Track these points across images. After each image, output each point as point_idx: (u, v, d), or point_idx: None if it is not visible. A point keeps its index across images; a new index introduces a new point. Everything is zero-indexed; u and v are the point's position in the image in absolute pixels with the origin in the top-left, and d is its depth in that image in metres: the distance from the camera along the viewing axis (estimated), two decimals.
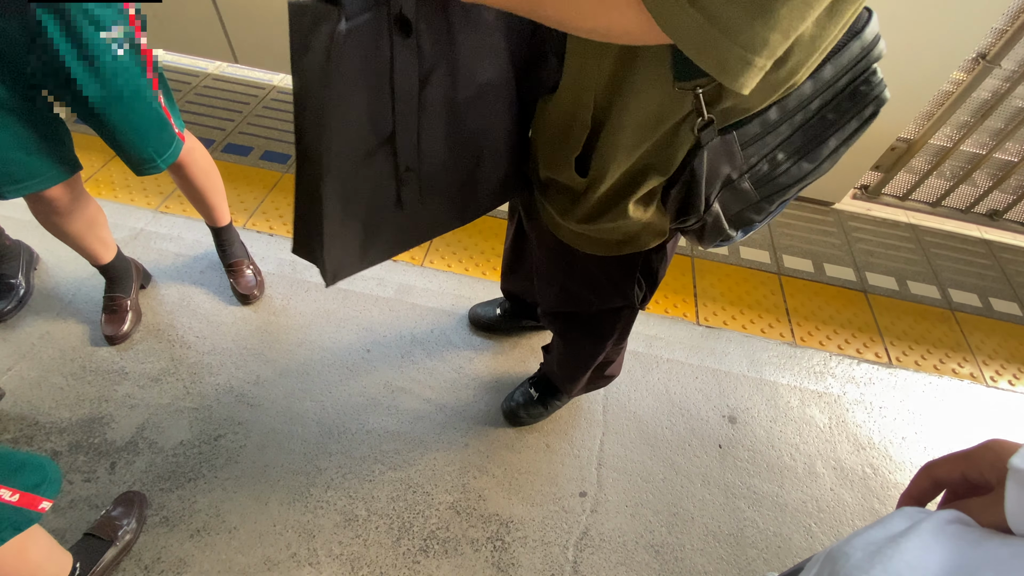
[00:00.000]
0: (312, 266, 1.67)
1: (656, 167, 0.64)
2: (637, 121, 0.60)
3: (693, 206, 0.66)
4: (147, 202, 1.78)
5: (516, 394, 1.40)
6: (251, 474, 1.25)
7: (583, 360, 1.14)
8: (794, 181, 0.68)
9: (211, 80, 2.30)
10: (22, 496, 0.77)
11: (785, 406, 1.53)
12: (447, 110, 0.62)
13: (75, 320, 1.46)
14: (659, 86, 0.56)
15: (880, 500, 1.37)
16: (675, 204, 0.69)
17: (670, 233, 0.79)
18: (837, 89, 0.61)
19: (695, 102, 0.56)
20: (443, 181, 0.69)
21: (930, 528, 0.32)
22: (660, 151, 0.63)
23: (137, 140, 1.09)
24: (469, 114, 0.64)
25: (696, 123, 0.58)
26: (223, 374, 1.41)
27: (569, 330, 1.08)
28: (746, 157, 0.64)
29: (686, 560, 1.23)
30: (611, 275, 0.86)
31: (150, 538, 1.14)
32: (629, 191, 0.67)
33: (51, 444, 1.25)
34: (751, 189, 0.68)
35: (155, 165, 1.14)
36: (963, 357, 1.72)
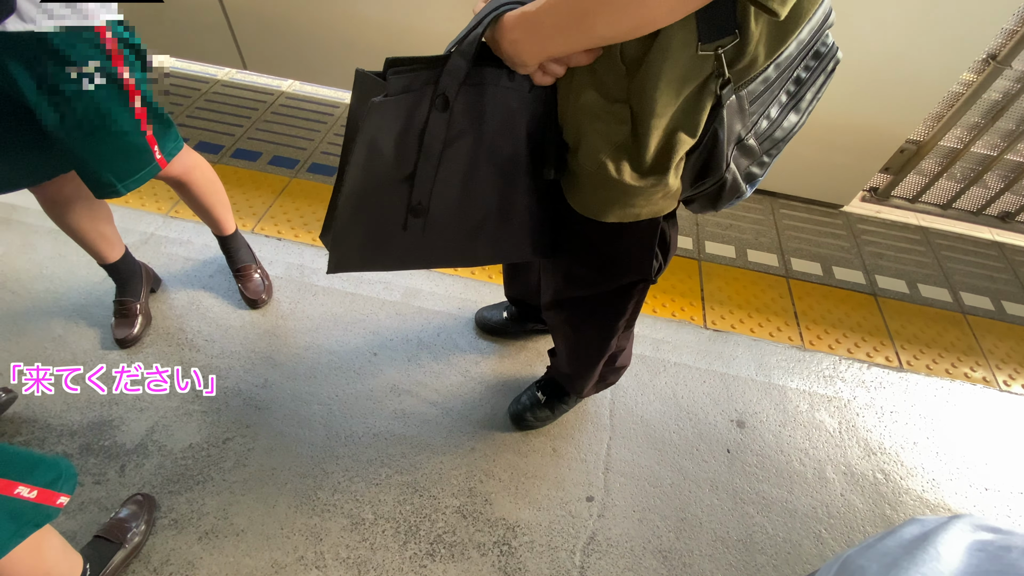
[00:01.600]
0: (319, 271, 1.69)
1: (685, 128, 0.66)
2: (664, 84, 0.62)
3: (715, 167, 0.69)
4: (157, 207, 1.80)
5: (523, 397, 1.40)
6: (259, 477, 1.25)
7: (594, 351, 1.13)
8: (786, 134, 0.74)
9: (220, 86, 2.33)
10: (40, 492, 0.78)
11: (794, 410, 1.51)
12: (463, 170, 0.75)
13: (87, 324, 1.48)
14: (681, 51, 0.59)
15: (891, 506, 1.35)
16: (695, 168, 0.71)
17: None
18: (807, 49, 0.67)
19: (716, 63, 0.59)
20: (448, 224, 0.80)
21: (947, 539, 0.32)
22: (687, 114, 0.65)
23: (95, 166, 1.07)
24: (483, 177, 0.77)
25: (716, 85, 0.61)
26: (231, 377, 1.42)
27: (577, 319, 1.07)
28: (750, 114, 0.68)
29: (694, 566, 1.22)
30: (629, 247, 0.86)
31: (159, 540, 1.15)
32: (666, 158, 0.69)
33: (62, 447, 1.26)
34: (756, 145, 0.73)
35: (114, 190, 1.11)
36: (975, 361, 1.70)
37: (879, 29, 1.59)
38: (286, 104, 2.28)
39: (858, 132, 1.85)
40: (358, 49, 2.07)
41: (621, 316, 1.02)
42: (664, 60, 0.60)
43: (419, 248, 0.82)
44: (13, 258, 1.61)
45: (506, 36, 0.63)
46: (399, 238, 0.79)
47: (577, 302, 1.02)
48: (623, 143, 0.68)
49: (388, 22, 1.97)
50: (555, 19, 0.58)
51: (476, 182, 0.77)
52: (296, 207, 1.87)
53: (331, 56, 2.13)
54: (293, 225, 1.81)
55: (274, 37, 2.12)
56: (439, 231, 0.80)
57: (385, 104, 0.66)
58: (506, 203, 0.81)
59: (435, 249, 0.83)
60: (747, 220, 2.07)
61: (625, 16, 0.53)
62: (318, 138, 2.14)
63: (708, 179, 0.71)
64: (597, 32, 0.57)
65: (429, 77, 0.66)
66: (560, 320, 1.11)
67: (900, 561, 0.31)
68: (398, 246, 0.80)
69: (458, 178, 0.75)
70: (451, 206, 0.78)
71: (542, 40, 0.60)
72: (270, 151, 2.06)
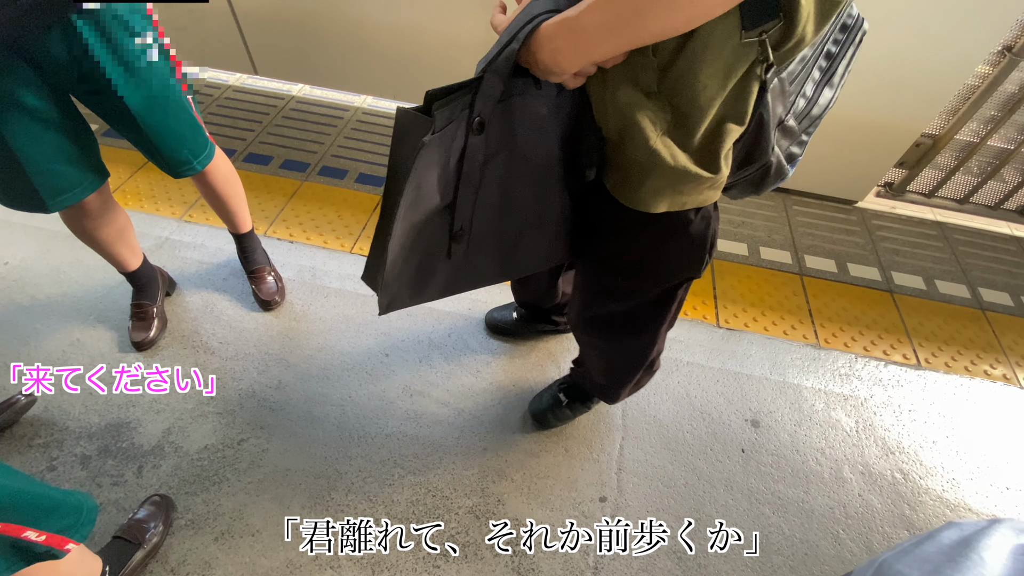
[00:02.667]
0: (331, 273, 1.70)
1: (733, 117, 0.65)
2: (707, 78, 0.61)
3: (761, 152, 0.69)
4: (172, 212, 1.83)
5: (544, 396, 1.39)
6: (273, 478, 1.26)
7: (634, 362, 1.09)
8: (822, 111, 0.73)
9: (232, 92, 2.35)
10: (49, 537, 0.78)
11: (810, 409, 1.50)
12: (500, 186, 0.74)
13: (104, 327, 1.50)
14: (724, 41, 0.58)
15: (911, 506, 1.33)
16: (740, 154, 0.70)
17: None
18: (835, 23, 0.67)
19: (760, 49, 0.58)
20: (488, 243, 0.80)
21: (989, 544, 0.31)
22: (734, 103, 0.64)
23: (174, 143, 1.12)
24: (519, 189, 0.76)
25: (760, 69, 0.61)
26: (246, 379, 1.43)
27: (615, 334, 1.03)
28: (788, 95, 0.68)
29: (709, 567, 1.21)
30: (679, 242, 0.82)
31: (176, 541, 1.16)
32: (716, 147, 0.67)
33: (81, 449, 1.28)
34: (795, 125, 0.72)
35: (192, 166, 1.17)
36: (995, 358, 1.67)
37: (893, 22, 1.57)
38: (296, 108, 2.30)
39: (872, 127, 1.83)
40: (367, 53, 2.09)
41: (664, 321, 0.98)
42: (705, 52, 0.58)
43: (463, 272, 0.82)
44: (32, 263, 1.64)
45: (545, 46, 0.60)
46: (443, 266, 0.79)
47: (613, 317, 0.98)
48: (669, 129, 0.67)
49: (397, 25, 1.98)
50: (602, 20, 0.55)
51: (513, 196, 0.76)
52: (308, 210, 1.88)
53: (341, 60, 2.14)
54: (305, 228, 1.82)
55: (284, 42, 2.14)
56: (481, 252, 0.80)
57: (433, 141, 0.64)
58: (542, 210, 0.81)
59: (477, 269, 0.83)
60: (760, 217, 2.05)
61: (679, 11, 0.51)
62: (328, 141, 2.15)
63: (754, 164, 0.71)
64: (648, 30, 0.54)
65: (466, 102, 0.64)
66: (595, 338, 1.08)
67: (943, 568, 0.31)
68: (443, 274, 0.80)
69: (495, 196, 0.74)
70: (491, 224, 0.77)
71: (586, 45, 0.58)
72: (281, 155, 2.08)
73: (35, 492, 0.78)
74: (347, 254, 1.75)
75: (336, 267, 1.71)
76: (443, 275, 0.80)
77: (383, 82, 2.20)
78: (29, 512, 0.76)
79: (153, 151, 1.11)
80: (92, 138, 1.11)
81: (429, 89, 0.62)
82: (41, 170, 1.02)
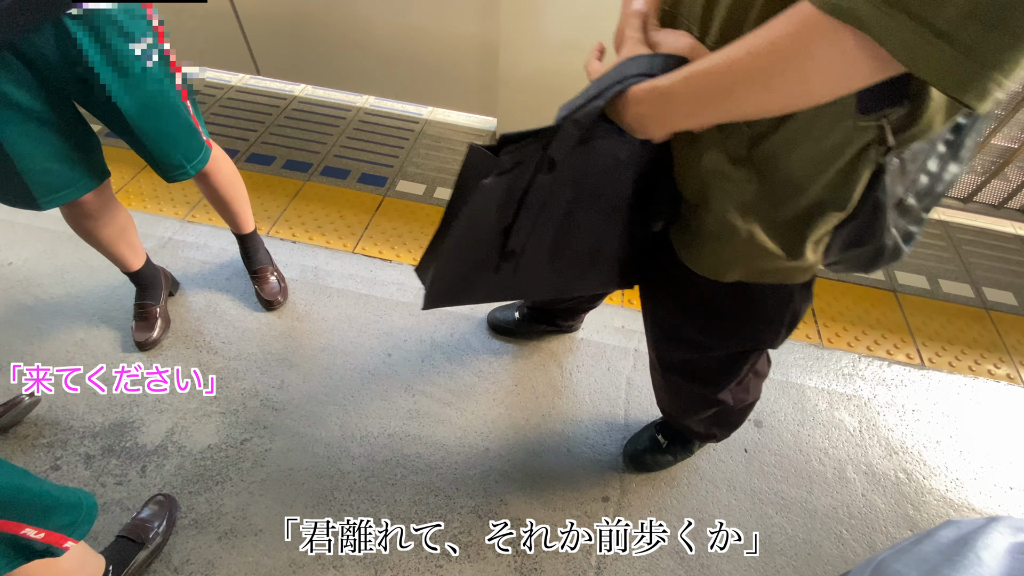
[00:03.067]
0: (333, 273, 1.70)
1: (833, 203, 0.60)
2: (807, 157, 0.56)
3: (874, 236, 0.63)
4: (175, 212, 1.83)
5: (643, 436, 1.33)
6: (276, 477, 1.27)
7: (701, 403, 1.05)
8: (946, 187, 0.66)
9: (235, 92, 2.36)
10: (48, 535, 0.78)
11: (813, 409, 1.49)
12: (560, 217, 0.73)
13: (108, 327, 1.51)
14: (834, 122, 0.52)
15: (915, 506, 1.33)
16: (848, 236, 0.64)
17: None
18: None
19: (877, 132, 0.52)
20: (538, 265, 0.80)
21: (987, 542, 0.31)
22: (836, 188, 0.59)
23: (168, 147, 1.11)
24: (580, 222, 0.75)
25: (877, 152, 0.55)
26: (248, 379, 1.43)
27: (680, 380, 1.00)
28: (910, 173, 0.62)
29: (712, 567, 1.20)
30: (749, 313, 0.78)
31: (180, 540, 1.16)
32: (805, 231, 0.63)
33: (85, 448, 1.28)
34: (916, 204, 0.65)
35: (185, 171, 1.17)
36: (999, 358, 1.66)
37: None
38: (299, 108, 2.30)
39: None
40: (369, 53, 2.09)
41: (732, 379, 0.94)
42: (809, 130, 0.54)
43: (506, 286, 0.83)
44: (36, 263, 1.64)
45: (631, 109, 0.57)
46: (489, 278, 0.80)
47: (682, 365, 0.95)
48: (751, 202, 0.62)
49: (399, 25, 1.98)
50: (694, 95, 0.52)
51: (572, 227, 0.75)
52: (310, 210, 1.88)
53: (343, 60, 2.15)
54: (307, 228, 1.82)
55: (287, 43, 2.14)
56: (528, 271, 0.81)
57: (498, 183, 0.65)
58: (600, 245, 0.80)
59: (521, 286, 0.84)
60: None
61: (779, 95, 0.46)
62: (331, 141, 2.16)
63: (864, 247, 0.65)
64: (740, 111, 0.50)
65: (538, 147, 0.64)
66: (665, 381, 1.06)
67: (940, 568, 0.31)
68: (487, 285, 0.81)
69: (554, 224, 0.74)
70: (543, 249, 0.77)
71: (673, 116, 0.55)
72: (284, 155, 2.08)
73: (35, 489, 0.79)
74: (350, 254, 1.76)
75: (339, 267, 1.71)
76: (487, 286, 0.82)
77: (385, 82, 2.20)
78: (28, 509, 0.76)
79: (146, 154, 1.11)
80: (92, 138, 1.12)
81: (504, 132, 0.64)
82: (33, 168, 1.02)
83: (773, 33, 0.44)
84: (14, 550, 0.76)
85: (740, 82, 0.47)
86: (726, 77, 0.48)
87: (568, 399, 1.46)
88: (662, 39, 0.59)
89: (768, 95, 0.46)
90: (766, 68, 0.45)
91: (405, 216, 1.89)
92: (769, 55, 0.44)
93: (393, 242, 1.80)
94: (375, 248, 1.78)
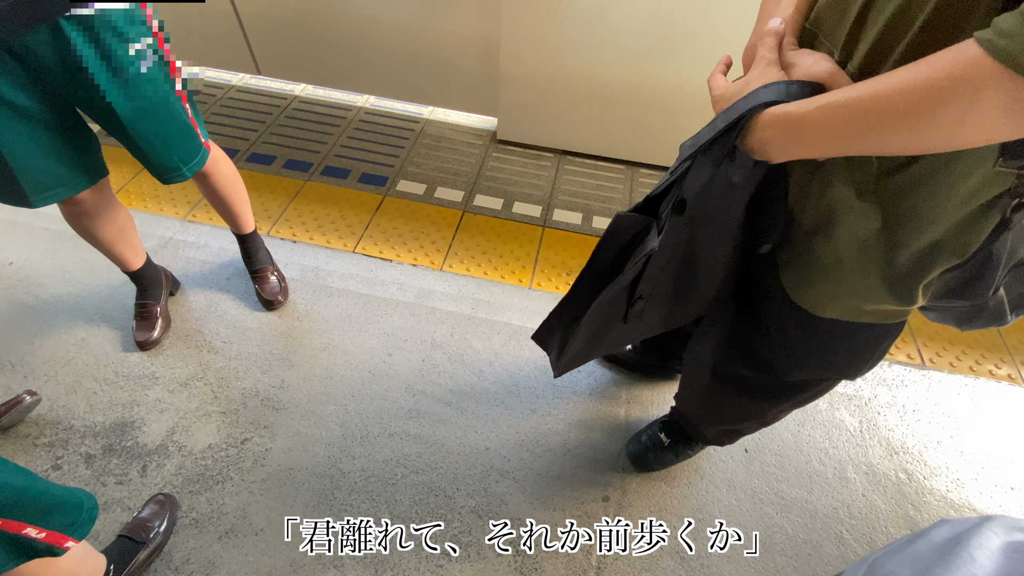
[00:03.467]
0: (334, 273, 1.70)
1: (951, 248, 0.57)
2: (940, 199, 0.54)
3: (978, 290, 0.60)
4: (175, 212, 1.83)
5: (643, 436, 1.32)
6: (277, 477, 1.27)
7: (736, 416, 1.03)
8: None
9: (235, 92, 2.36)
10: (49, 535, 0.78)
11: (813, 409, 1.49)
12: (681, 252, 0.73)
13: (108, 327, 1.51)
14: (974, 164, 0.50)
15: (915, 506, 1.33)
16: (952, 284, 0.62)
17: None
18: None
19: (1016, 182, 0.50)
20: (660, 302, 0.81)
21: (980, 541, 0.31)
22: (959, 232, 0.56)
23: (164, 149, 1.11)
24: (696, 253, 0.75)
25: (1009, 204, 0.52)
26: (249, 378, 1.43)
27: (727, 392, 0.97)
28: None
29: (712, 567, 1.20)
30: (836, 344, 0.76)
31: (180, 539, 1.17)
32: (919, 274, 0.60)
33: (85, 447, 1.29)
34: None
35: (181, 173, 1.16)
36: (1000, 358, 1.66)
37: None
38: (299, 108, 2.30)
39: None
40: (370, 52, 2.09)
41: (784, 403, 0.91)
42: (945, 170, 0.51)
43: (632, 330, 0.83)
44: (37, 262, 1.64)
45: (757, 133, 0.55)
46: (617, 328, 0.81)
47: (743, 381, 0.91)
48: (870, 240, 0.59)
49: (399, 25, 1.98)
50: (827, 127, 0.49)
51: (690, 259, 0.74)
52: (311, 210, 1.88)
53: (343, 60, 2.15)
54: (308, 228, 1.83)
55: (287, 42, 2.14)
56: (652, 310, 0.81)
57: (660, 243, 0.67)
58: (711, 271, 0.79)
59: (644, 326, 0.84)
60: None
61: (927, 137, 0.43)
62: (331, 141, 2.16)
63: (965, 300, 0.62)
64: (877, 147, 0.47)
65: (676, 190, 0.64)
66: (711, 388, 1.01)
67: (933, 567, 0.31)
68: (616, 333, 0.82)
69: (676, 261, 0.74)
70: (666, 287, 0.77)
71: (801, 144, 0.52)
72: (284, 155, 2.08)
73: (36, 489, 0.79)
74: (350, 254, 1.76)
75: (339, 267, 1.71)
76: (615, 335, 0.82)
77: (386, 82, 2.20)
78: (30, 509, 0.76)
79: (141, 156, 1.11)
80: (88, 138, 1.11)
81: (649, 193, 0.66)
82: (25, 166, 1.02)
83: (933, 73, 0.41)
84: (15, 549, 0.76)
85: (884, 120, 0.44)
86: (868, 113, 0.45)
87: (568, 398, 1.46)
88: (799, 61, 0.56)
89: (914, 136, 0.44)
90: (918, 109, 0.42)
91: (406, 216, 1.89)
92: (925, 96, 0.41)
93: (394, 242, 1.80)
94: (375, 248, 1.78)
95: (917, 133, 0.43)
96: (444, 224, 1.88)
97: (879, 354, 0.77)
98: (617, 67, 1.84)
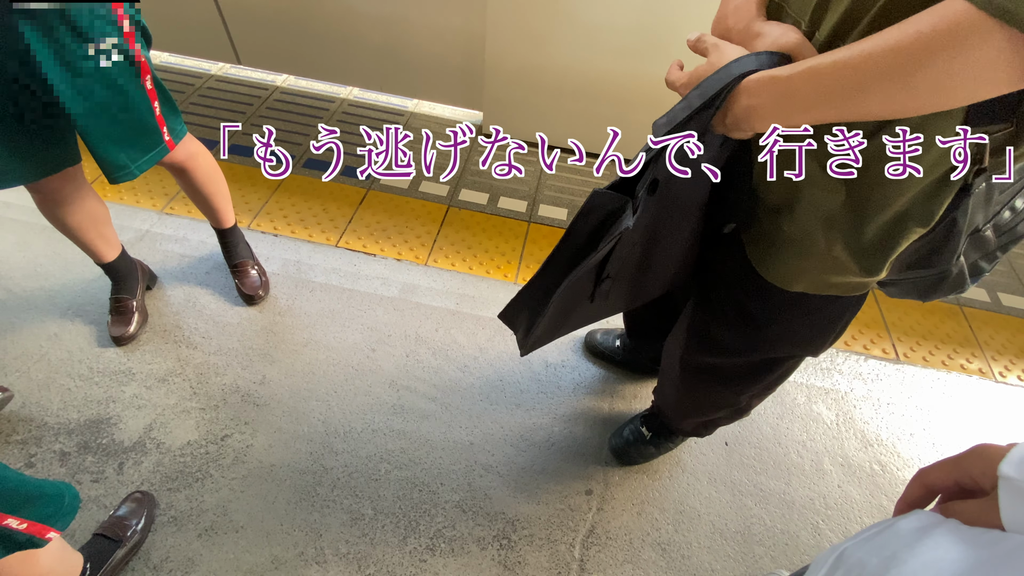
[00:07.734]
0: (316, 267, 1.68)
1: (917, 218, 0.58)
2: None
3: (942, 258, 0.61)
4: (152, 204, 1.79)
5: (625, 431, 1.33)
6: (258, 473, 1.25)
7: (706, 409, 1.06)
8: None
9: (214, 81, 2.31)
10: (30, 525, 0.77)
11: (792, 403, 1.52)
12: (647, 232, 0.73)
13: (82, 322, 1.47)
14: (939, 132, 0.51)
15: (888, 497, 1.36)
16: (916, 255, 0.63)
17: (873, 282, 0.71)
18: None
19: (976, 149, 0.51)
20: (625, 282, 0.81)
21: (947, 528, 0.32)
22: (924, 201, 0.57)
23: (113, 148, 1.07)
24: (661, 233, 0.75)
25: (968, 171, 0.53)
26: (229, 374, 1.41)
27: (699, 383, 1.00)
28: (995, 204, 0.60)
29: (693, 558, 1.22)
30: (802, 319, 0.77)
31: (159, 538, 1.15)
32: (887, 245, 0.61)
33: (60, 445, 1.26)
34: (992, 237, 0.64)
35: (128, 172, 1.11)
36: (972, 353, 1.71)
37: None
38: (281, 99, 2.26)
39: None
40: (353, 44, 2.06)
41: (753, 386, 0.93)
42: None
43: (597, 309, 0.83)
44: (8, 255, 1.60)
45: (742, 101, 0.54)
46: (583, 307, 0.81)
47: (710, 368, 0.93)
48: (835, 214, 0.61)
49: (382, 15, 1.95)
50: (817, 90, 0.49)
51: (654, 239, 0.75)
52: (292, 203, 1.86)
53: (326, 51, 2.11)
54: (289, 221, 1.80)
55: (268, 31, 2.10)
56: (616, 290, 0.81)
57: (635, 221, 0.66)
58: (674, 250, 0.80)
59: (609, 305, 0.84)
60: None
61: (918, 94, 0.44)
62: (313, 133, 2.13)
63: (929, 269, 0.64)
64: (868, 109, 0.47)
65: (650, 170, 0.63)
66: (684, 380, 1.03)
67: (900, 552, 0.31)
68: (581, 312, 0.81)
69: (642, 242, 0.74)
70: (630, 266, 0.77)
71: (790, 110, 0.52)
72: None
73: (15, 479, 0.78)
74: (332, 247, 1.74)
75: (321, 260, 1.69)
76: (580, 314, 0.82)
77: (370, 74, 2.17)
78: (10, 499, 0.75)
79: (91, 151, 1.07)
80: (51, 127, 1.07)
81: (623, 173, 0.65)
82: None
83: (920, 28, 0.42)
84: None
85: (877, 78, 0.44)
86: (860, 73, 0.45)
87: (552, 393, 1.46)
88: (767, 31, 0.56)
89: (905, 94, 0.44)
90: (909, 64, 0.42)
91: (389, 210, 1.87)
92: (915, 51, 0.42)
93: (377, 236, 1.78)
94: (359, 242, 1.76)
95: (907, 90, 0.44)
96: (429, 219, 1.87)
97: (841, 327, 0.79)
98: (603, 62, 1.84)
